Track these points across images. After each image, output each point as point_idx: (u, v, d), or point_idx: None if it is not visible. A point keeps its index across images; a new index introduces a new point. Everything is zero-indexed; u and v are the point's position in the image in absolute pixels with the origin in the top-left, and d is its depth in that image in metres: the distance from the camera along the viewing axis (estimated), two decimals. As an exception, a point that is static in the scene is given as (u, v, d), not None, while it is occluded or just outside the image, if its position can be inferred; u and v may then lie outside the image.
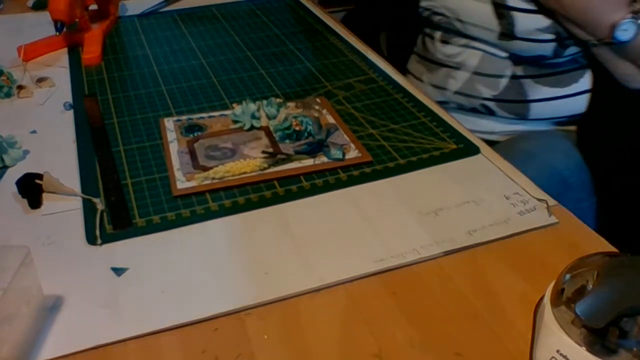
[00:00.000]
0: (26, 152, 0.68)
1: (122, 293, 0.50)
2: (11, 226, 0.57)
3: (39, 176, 0.61)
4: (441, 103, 0.93)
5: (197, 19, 1.06)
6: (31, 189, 0.60)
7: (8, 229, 0.57)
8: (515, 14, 0.81)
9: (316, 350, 0.45)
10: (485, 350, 0.45)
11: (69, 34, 0.92)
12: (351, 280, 0.51)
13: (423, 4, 0.90)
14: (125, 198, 0.60)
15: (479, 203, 0.60)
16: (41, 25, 0.96)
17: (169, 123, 0.72)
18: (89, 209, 0.59)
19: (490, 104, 0.89)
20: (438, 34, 0.92)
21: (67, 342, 0.45)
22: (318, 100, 0.78)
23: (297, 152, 0.66)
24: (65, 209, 0.59)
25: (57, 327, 0.47)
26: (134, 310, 0.48)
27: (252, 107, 0.71)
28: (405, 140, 0.70)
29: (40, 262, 0.51)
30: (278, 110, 0.72)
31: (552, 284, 0.44)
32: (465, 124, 0.92)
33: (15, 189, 0.60)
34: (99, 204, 0.59)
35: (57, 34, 0.86)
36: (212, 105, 0.77)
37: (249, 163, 0.63)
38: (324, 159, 0.66)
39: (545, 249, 0.55)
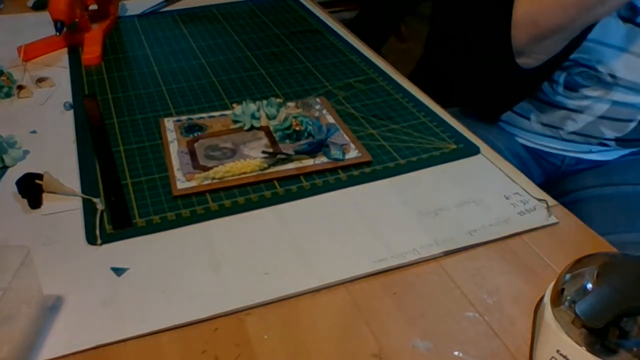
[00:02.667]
0: (26, 152, 0.68)
1: (122, 293, 0.50)
2: (11, 226, 0.57)
3: (39, 176, 0.61)
4: (545, 137, 0.89)
5: (197, 19, 1.06)
6: (31, 189, 0.60)
7: (8, 229, 0.57)
8: None
9: (316, 350, 0.45)
10: (486, 350, 0.45)
11: (69, 34, 0.92)
12: (351, 280, 0.51)
13: (571, 56, 0.81)
14: (125, 198, 0.60)
15: (479, 203, 0.60)
16: (41, 25, 0.96)
17: (169, 123, 0.72)
18: (89, 209, 0.59)
19: (610, 143, 0.86)
20: (562, 78, 0.83)
21: (67, 342, 0.45)
22: (318, 100, 0.78)
23: (297, 152, 0.66)
24: (65, 209, 0.59)
25: (57, 327, 0.47)
26: (134, 310, 0.48)
27: (252, 107, 0.71)
28: (405, 140, 0.70)
29: (40, 262, 0.51)
30: (278, 110, 0.72)
31: (552, 284, 0.44)
32: (561, 147, 0.89)
33: (15, 189, 0.60)
34: (99, 204, 0.59)
35: (57, 34, 0.86)
36: (212, 105, 0.77)
37: (249, 163, 0.63)
38: (324, 159, 0.66)
39: (545, 249, 0.55)
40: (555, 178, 0.93)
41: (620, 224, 0.79)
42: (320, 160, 0.65)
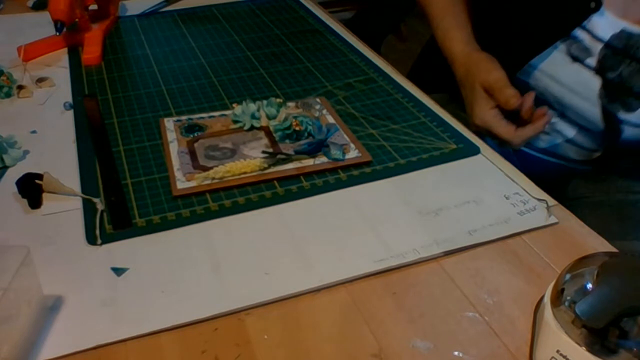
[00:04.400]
0: (26, 152, 0.68)
1: (122, 293, 0.50)
2: (11, 226, 0.57)
3: (39, 176, 0.60)
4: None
5: (197, 19, 1.06)
6: (31, 189, 0.60)
7: (8, 229, 0.57)
8: (625, 126, 0.77)
9: (316, 350, 0.45)
10: (486, 350, 0.45)
11: (69, 34, 0.92)
12: (351, 280, 0.51)
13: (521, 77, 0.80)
14: (125, 198, 0.60)
15: (479, 203, 0.60)
16: (41, 25, 0.96)
17: (169, 123, 0.72)
18: (89, 209, 0.59)
19: (576, 165, 0.86)
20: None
21: (67, 342, 0.45)
22: (318, 100, 0.78)
23: (297, 152, 0.66)
24: (65, 209, 0.59)
25: (57, 327, 0.47)
26: (134, 310, 0.48)
27: (252, 107, 0.71)
28: (405, 140, 0.70)
29: (40, 262, 0.51)
30: (278, 110, 0.72)
31: (552, 284, 0.44)
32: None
33: (15, 189, 0.60)
34: (99, 204, 0.59)
35: (57, 34, 0.86)
36: (212, 105, 0.77)
37: (249, 163, 0.63)
38: (324, 159, 0.66)
39: (545, 249, 0.55)
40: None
41: (613, 231, 0.78)
42: (320, 160, 0.65)
